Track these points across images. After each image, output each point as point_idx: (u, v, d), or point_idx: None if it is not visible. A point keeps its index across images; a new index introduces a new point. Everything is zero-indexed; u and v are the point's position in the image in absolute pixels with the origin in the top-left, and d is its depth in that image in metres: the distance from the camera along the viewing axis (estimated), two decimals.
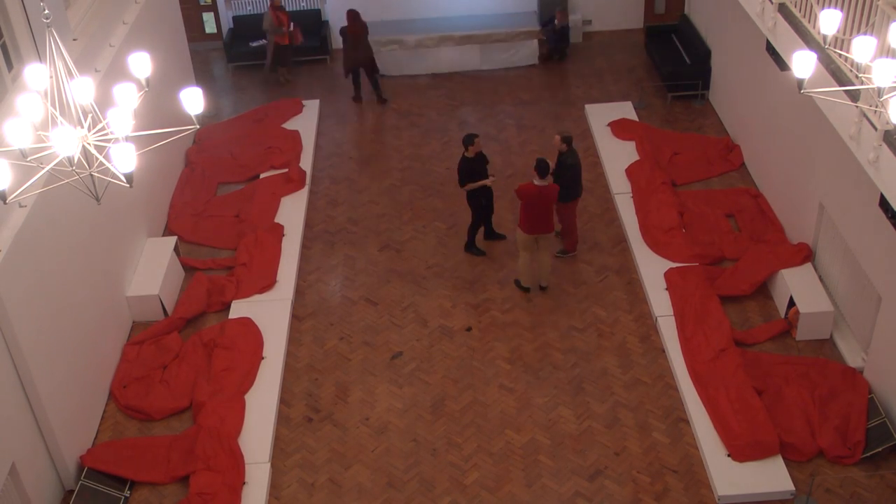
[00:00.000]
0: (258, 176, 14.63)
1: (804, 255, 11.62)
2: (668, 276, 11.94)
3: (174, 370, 10.98)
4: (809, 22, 9.95)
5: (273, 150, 15.04)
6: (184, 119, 6.10)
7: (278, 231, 13.26)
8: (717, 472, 9.50)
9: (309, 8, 18.94)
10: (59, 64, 5.61)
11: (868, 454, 9.52)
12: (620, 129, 15.26)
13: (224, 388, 10.57)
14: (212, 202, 14.13)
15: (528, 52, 17.72)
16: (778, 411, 9.90)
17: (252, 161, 14.90)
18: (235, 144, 15.51)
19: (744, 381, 10.19)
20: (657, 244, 12.52)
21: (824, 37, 6.47)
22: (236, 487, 9.47)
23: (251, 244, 12.76)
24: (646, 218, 12.98)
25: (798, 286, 11.27)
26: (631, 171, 14.07)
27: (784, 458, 9.55)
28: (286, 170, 14.55)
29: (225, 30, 19.00)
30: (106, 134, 5.81)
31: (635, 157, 14.48)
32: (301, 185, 14.41)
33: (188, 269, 12.82)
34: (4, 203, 5.66)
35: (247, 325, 11.54)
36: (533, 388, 10.81)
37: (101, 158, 5.76)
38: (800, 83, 6.41)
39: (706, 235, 12.56)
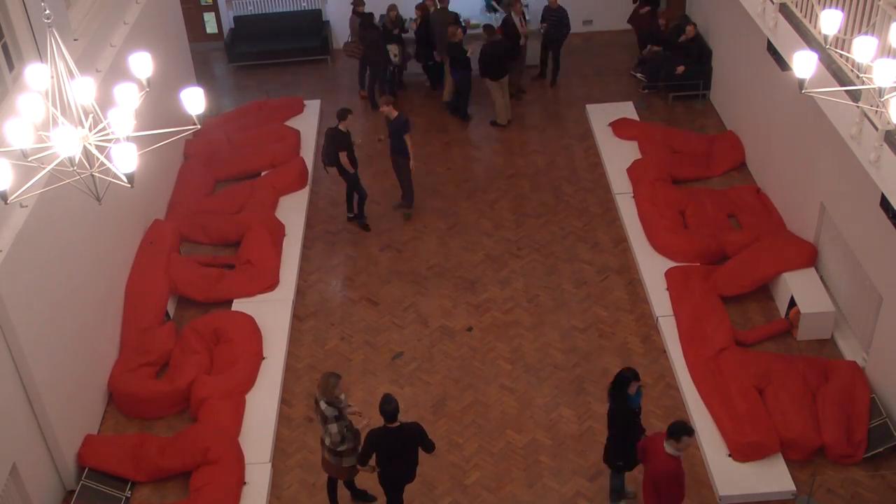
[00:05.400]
0: (258, 173, 14.64)
1: (809, 256, 11.59)
2: (669, 275, 11.94)
3: (174, 366, 10.98)
4: (810, 22, 9.94)
5: (273, 148, 15.01)
6: (185, 119, 6.09)
7: (280, 230, 13.26)
8: (718, 472, 9.50)
9: (309, 8, 18.94)
10: (60, 64, 5.60)
11: (869, 454, 9.52)
12: (621, 128, 15.26)
13: (225, 385, 10.56)
14: (211, 197, 14.13)
15: (528, 52, 17.68)
16: (779, 411, 9.89)
17: (252, 157, 14.89)
18: (233, 129, 15.55)
19: (745, 381, 10.18)
20: (658, 244, 12.52)
21: (825, 37, 6.47)
22: (236, 484, 9.47)
23: (254, 242, 12.74)
24: (647, 217, 12.98)
25: (799, 286, 11.26)
26: (632, 171, 14.07)
27: (785, 458, 9.55)
28: (287, 167, 14.54)
29: (226, 30, 19.01)
30: (107, 134, 5.81)
31: (636, 156, 14.48)
32: (303, 182, 14.42)
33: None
34: (5, 203, 5.65)
35: (244, 317, 11.57)
36: (534, 389, 10.81)
37: (101, 159, 5.76)
38: (801, 83, 6.40)
39: (708, 234, 12.55)
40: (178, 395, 10.59)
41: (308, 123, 16.08)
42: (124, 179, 5.66)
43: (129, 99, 5.95)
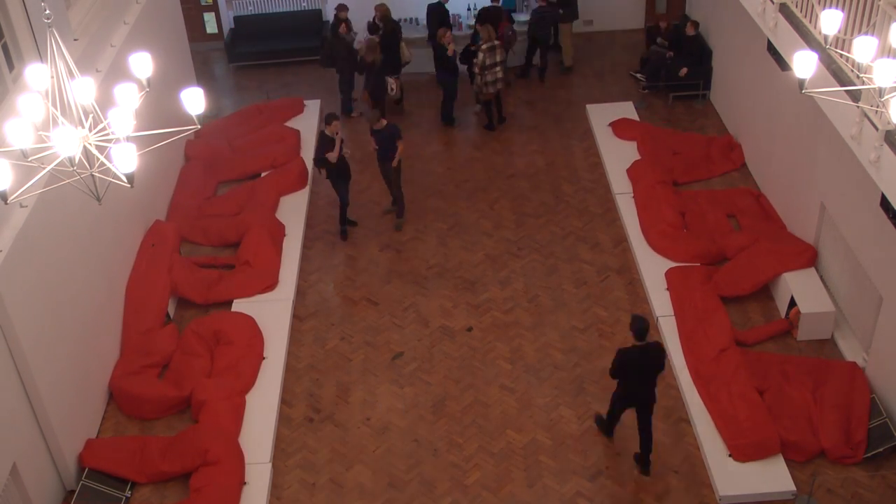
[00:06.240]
0: (259, 174, 14.64)
1: (808, 257, 11.59)
2: (669, 276, 11.93)
3: (175, 367, 10.99)
4: (811, 22, 9.94)
5: (274, 149, 15.02)
6: (185, 119, 6.10)
7: (280, 230, 13.26)
8: (718, 472, 9.50)
9: (309, 8, 18.93)
10: (61, 64, 5.60)
11: (870, 454, 9.51)
12: (622, 128, 15.25)
13: (225, 386, 10.56)
14: (212, 200, 14.13)
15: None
16: (779, 411, 9.89)
17: (252, 158, 14.89)
18: (234, 135, 15.53)
19: (745, 381, 10.18)
20: (658, 244, 12.52)
21: (825, 37, 6.47)
22: (237, 484, 9.47)
23: (253, 242, 12.74)
24: (647, 218, 12.97)
25: (799, 286, 11.26)
26: (632, 171, 14.07)
27: (785, 459, 9.55)
28: (287, 168, 14.54)
29: (226, 30, 19.00)
30: (107, 134, 5.81)
31: (636, 157, 14.48)
32: (303, 182, 14.41)
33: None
34: (5, 203, 5.65)
35: (244, 318, 11.57)
36: (534, 389, 10.81)
37: (101, 159, 5.76)
38: (801, 83, 6.41)
39: (707, 235, 12.55)
40: (182, 399, 10.61)
41: (308, 124, 16.07)
42: (124, 179, 5.66)
43: (129, 99, 5.95)
